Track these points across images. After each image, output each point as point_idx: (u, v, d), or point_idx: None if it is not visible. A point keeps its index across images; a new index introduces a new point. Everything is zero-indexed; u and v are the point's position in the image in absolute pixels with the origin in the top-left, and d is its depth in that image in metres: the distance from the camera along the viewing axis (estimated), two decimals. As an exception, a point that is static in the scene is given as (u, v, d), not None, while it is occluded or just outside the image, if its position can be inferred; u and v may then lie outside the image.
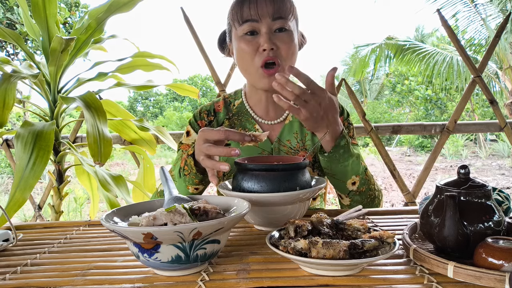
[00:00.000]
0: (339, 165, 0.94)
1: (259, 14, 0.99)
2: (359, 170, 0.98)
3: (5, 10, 6.72)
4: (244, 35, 1.01)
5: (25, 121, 1.37)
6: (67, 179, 1.82)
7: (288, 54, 1.01)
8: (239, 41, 1.02)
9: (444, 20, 1.88)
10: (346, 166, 0.95)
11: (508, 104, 6.86)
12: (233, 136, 0.80)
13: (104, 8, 1.67)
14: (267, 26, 0.99)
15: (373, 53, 9.31)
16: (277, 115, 1.15)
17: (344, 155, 0.93)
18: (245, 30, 1.01)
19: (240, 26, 1.01)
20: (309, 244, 0.58)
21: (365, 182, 1.00)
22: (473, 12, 7.99)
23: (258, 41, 1.00)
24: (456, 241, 0.60)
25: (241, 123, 1.15)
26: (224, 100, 1.20)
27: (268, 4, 0.99)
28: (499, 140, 10.97)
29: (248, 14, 0.99)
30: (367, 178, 1.01)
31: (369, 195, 1.03)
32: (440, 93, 12.55)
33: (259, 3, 0.99)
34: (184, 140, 1.17)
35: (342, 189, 1.00)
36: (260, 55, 1.00)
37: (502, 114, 1.90)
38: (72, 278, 0.62)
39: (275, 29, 1.00)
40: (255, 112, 1.15)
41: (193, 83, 23.83)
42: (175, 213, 0.61)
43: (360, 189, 1.00)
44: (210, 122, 1.17)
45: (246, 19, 1.00)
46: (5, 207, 1.12)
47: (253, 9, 0.99)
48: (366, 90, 17.59)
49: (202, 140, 0.83)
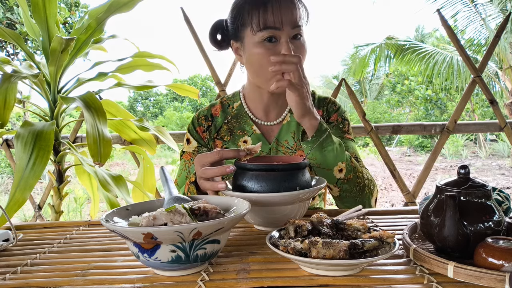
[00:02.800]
0: (323, 151, 0.95)
1: (283, 22, 0.97)
2: (344, 157, 0.98)
3: (5, 10, 6.72)
4: (263, 41, 0.99)
5: (25, 121, 1.37)
6: (67, 179, 1.82)
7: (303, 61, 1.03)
8: (257, 46, 1.00)
9: (444, 20, 1.88)
10: (330, 152, 0.95)
11: (508, 104, 6.87)
12: (227, 155, 0.84)
13: (104, 8, 1.67)
14: (287, 35, 0.98)
15: (373, 53, 9.31)
16: (277, 115, 1.15)
17: (326, 140, 0.94)
18: (264, 36, 0.99)
19: (260, 31, 0.99)
20: (309, 244, 0.58)
21: (352, 169, 1.00)
22: (473, 12, 7.99)
23: (278, 48, 0.99)
24: (456, 241, 0.60)
25: (240, 126, 1.15)
26: (222, 103, 1.20)
27: (291, 13, 0.98)
28: (499, 140, 10.97)
29: (271, 21, 0.97)
30: (353, 165, 1.01)
31: (358, 183, 1.02)
32: (440, 93, 12.55)
33: (283, 10, 0.97)
34: (185, 148, 1.18)
35: (330, 178, 0.99)
36: None
37: (502, 114, 1.90)
38: (72, 278, 0.62)
39: (292, 36, 1.00)
40: (254, 114, 1.15)
41: (193, 83, 23.82)
42: (175, 213, 0.61)
43: (348, 177, 1.00)
44: (208, 128, 1.17)
45: (268, 26, 0.98)
46: (5, 207, 1.12)
47: (277, 16, 0.97)
48: (366, 90, 17.59)
49: (199, 165, 0.86)
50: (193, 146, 1.16)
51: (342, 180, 1.00)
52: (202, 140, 1.16)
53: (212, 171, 0.82)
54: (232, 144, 1.14)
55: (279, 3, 0.98)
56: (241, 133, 1.14)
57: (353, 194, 1.03)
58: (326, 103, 1.19)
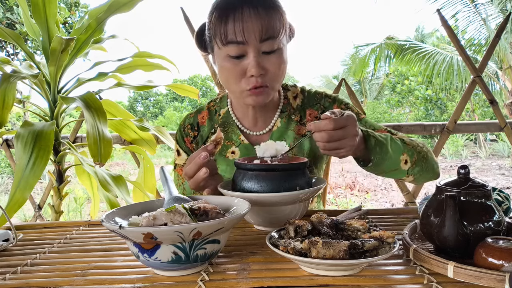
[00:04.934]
0: (385, 162, 0.89)
1: (245, 36, 0.87)
2: (400, 148, 0.91)
3: (5, 10, 6.72)
4: (229, 57, 0.91)
5: (25, 121, 1.37)
6: (67, 179, 1.82)
7: (278, 76, 0.94)
8: (223, 60, 0.92)
9: (444, 20, 1.88)
10: (391, 156, 0.89)
11: (508, 104, 6.86)
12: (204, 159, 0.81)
13: (104, 8, 1.67)
14: (254, 49, 0.88)
15: (373, 53, 9.31)
16: (265, 123, 1.08)
17: (381, 150, 0.87)
18: (229, 52, 0.90)
19: (224, 46, 0.90)
20: (309, 244, 0.58)
21: (411, 151, 0.93)
22: (473, 12, 8.00)
23: (245, 64, 0.90)
24: (456, 241, 0.60)
25: (227, 135, 1.08)
26: (209, 110, 1.13)
27: (255, 24, 0.87)
28: (499, 140, 10.96)
29: (232, 35, 0.87)
30: (409, 146, 0.94)
31: (422, 156, 0.95)
32: (440, 93, 12.55)
33: (244, 22, 0.86)
34: (177, 160, 1.14)
35: (400, 174, 0.94)
36: (248, 80, 0.91)
37: (502, 114, 1.90)
38: (72, 278, 0.62)
39: (263, 50, 0.90)
40: (242, 124, 1.09)
41: (193, 83, 23.85)
42: (175, 213, 0.61)
43: (413, 160, 0.93)
44: (195, 138, 1.12)
45: (230, 41, 0.88)
46: (5, 207, 1.12)
47: (239, 30, 0.87)
48: (366, 90, 17.59)
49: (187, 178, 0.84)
50: (183, 158, 1.12)
51: (411, 167, 0.93)
52: (190, 152, 1.12)
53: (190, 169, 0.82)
54: (219, 156, 1.08)
55: (241, 14, 0.87)
56: (228, 143, 1.08)
57: (425, 168, 0.97)
58: (319, 99, 1.10)
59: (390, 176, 0.97)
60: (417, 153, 0.94)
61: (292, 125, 1.07)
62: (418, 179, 1.00)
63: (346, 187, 6.36)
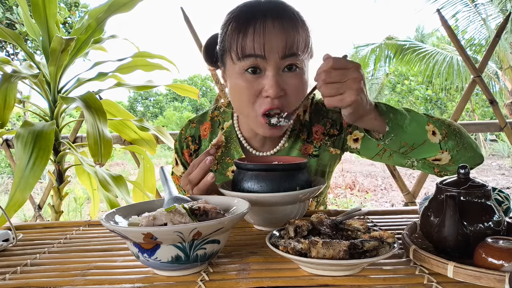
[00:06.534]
0: (406, 130, 0.76)
1: (266, 49, 0.78)
2: (424, 118, 0.80)
3: (4, 10, 6.72)
4: (244, 72, 0.82)
5: (25, 121, 1.37)
6: (67, 179, 1.82)
7: (297, 99, 0.83)
8: (237, 77, 0.83)
9: (444, 20, 1.88)
10: (411, 124, 0.77)
11: (508, 104, 6.87)
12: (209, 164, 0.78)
13: (104, 8, 1.67)
14: (275, 66, 0.80)
15: (373, 53, 9.31)
16: (273, 145, 1.00)
17: (396, 116, 0.75)
18: (245, 66, 0.81)
19: (240, 60, 0.81)
20: (309, 244, 0.58)
21: (437, 122, 0.81)
22: (473, 12, 8.00)
23: (262, 82, 0.81)
24: (456, 241, 0.60)
25: (229, 152, 1.00)
26: (212, 121, 1.04)
27: (278, 36, 0.79)
28: (499, 140, 10.96)
29: (251, 48, 0.79)
30: (434, 118, 0.82)
31: (453, 130, 0.82)
32: (440, 93, 12.54)
33: (267, 33, 0.78)
34: (175, 169, 1.09)
35: (432, 149, 0.80)
36: (263, 100, 0.83)
37: (502, 114, 1.90)
38: (72, 278, 0.62)
39: (284, 67, 0.82)
40: (249, 142, 1.00)
41: (193, 83, 23.85)
42: (175, 213, 0.61)
43: (443, 132, 0.80)
44: (195, 151, 1.04)
45: (248, 54, 0.80)
46: (5, 207, 1.12)
47: (259, 41, 0.78)
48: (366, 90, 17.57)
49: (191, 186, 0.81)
50: (180, 170, 1.07)
51: (442, 140, 0.80)
52: (188, 165, 1.06)
53: (196, 175, 0.79)
54: (219, 175, 1.01)
55: (262, 26, 0.79)
56: (230, 160, 1.01)
57: (461, 144, 0.83)
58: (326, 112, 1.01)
59: (421, 154, 0.82)
60: (446, 126, 0.81)
61: (298, 144, 1.00)
62: (456, 158, 0.83)
63: (346, 187, 6.36)
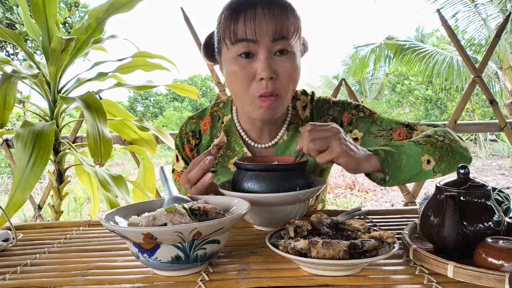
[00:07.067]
0: (403, 170, 0.81)
1: (257, 33, 0.83)
2: (419, 150, 0.83)
3: (4, 10, 6.72)
4: (238, 57, 0.86)
5: (25, 121, 1.37)
6: (67, 179, 1.82)
7: (289, 83, 0.88)
8: (231, 63, 0.87)
9: (444, 20, 1.88)
10: (408, 161, 0.81)
11: (508, 104, 6.87)
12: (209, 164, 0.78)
13: (104, 8, 1.67)
14: (266, 49, 0.84)
15: (373, 53, 9.30)
16: (271, 136, 1.02)
17: (394, 160, 0.80)
18: (238, 51, 0.85)
19: (233, 45, 0.85)
20: (309, 244, 0.58)
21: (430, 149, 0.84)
22: (473, 12, 8.00)
23: (255, 66, 0.85)
24: (456, 241, 0.60)
25: (230, 145, 1.03)
26: (212, 116, 1.07)
27: (268, 21, 0.83)
28: (499, 140, 10.96)
29: (243, 32, 0.83)
30: (427, 145, 0.85)
31: (446, 149, 0.86)
32: (440, 93, 12.55)
33: (257, 19, 0.83)
34: (175, 166, 1.10)
35: (427, 175, 0.85)
36: (257, 84, 0.86)
37: (502, 114, 1.90)
38: (72, 278, 0.62)
39: (276, 51, 0.86)
40: (248, 134, 1.03)
41: (193, 83, 23.84)
42: (175, 213, 0.61)
43: (437, 158, 0.84)
44: (196, 146, 1.07)
45: (240, 39, 0.84)
46: (5, 207, 1.12)
47: (250, 27, 0.83)
48: (366, 90, 17.58)
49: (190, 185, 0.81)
50: (181, 165, 1.08)
51: (436, 166, 0.84)
52: (190, 160, 1.08)
53: (194, 174, 0.78)
54: (221, 168, 1.03)
55: (253, 12, 0.83)
56: (230, 153, 1.03)
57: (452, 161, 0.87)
58: (327, 109, 1.04)
59: (417, 180, 0.88)
60: (439, 149, 0.85)
61: (297, 137, 1.01)
62: (446, 172, 0.89)
63: (346, 187, 6.36)
